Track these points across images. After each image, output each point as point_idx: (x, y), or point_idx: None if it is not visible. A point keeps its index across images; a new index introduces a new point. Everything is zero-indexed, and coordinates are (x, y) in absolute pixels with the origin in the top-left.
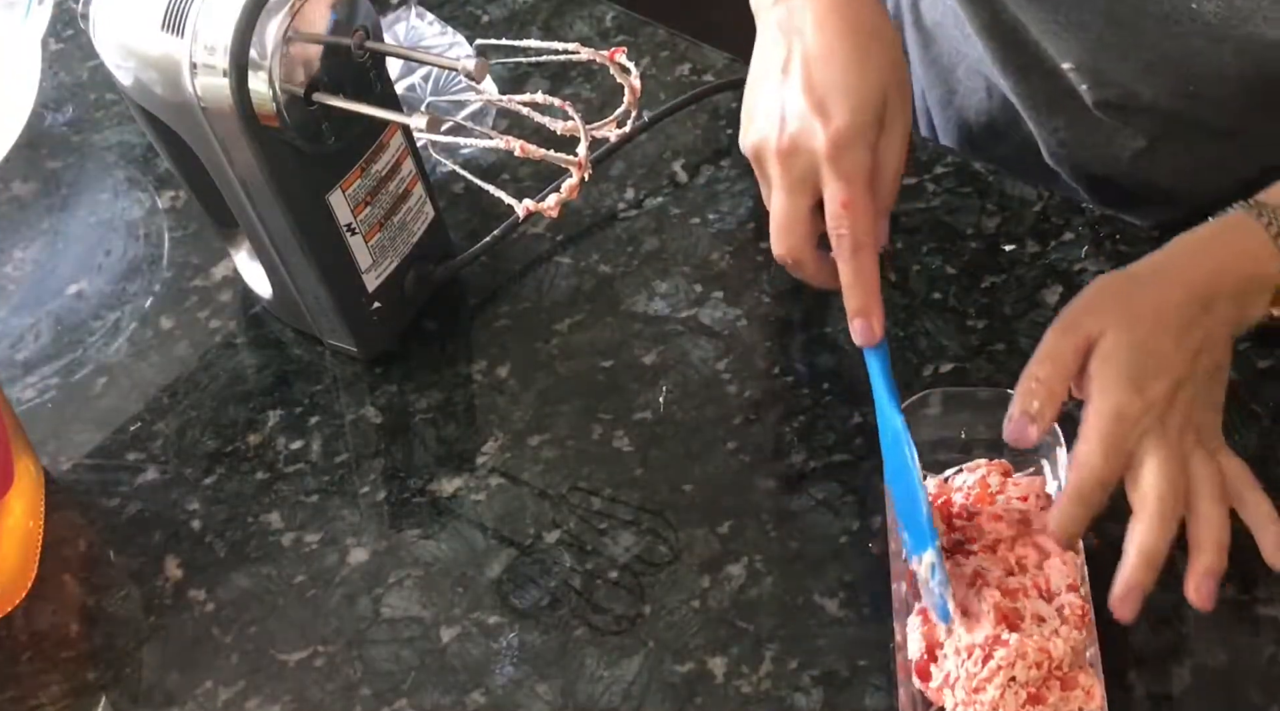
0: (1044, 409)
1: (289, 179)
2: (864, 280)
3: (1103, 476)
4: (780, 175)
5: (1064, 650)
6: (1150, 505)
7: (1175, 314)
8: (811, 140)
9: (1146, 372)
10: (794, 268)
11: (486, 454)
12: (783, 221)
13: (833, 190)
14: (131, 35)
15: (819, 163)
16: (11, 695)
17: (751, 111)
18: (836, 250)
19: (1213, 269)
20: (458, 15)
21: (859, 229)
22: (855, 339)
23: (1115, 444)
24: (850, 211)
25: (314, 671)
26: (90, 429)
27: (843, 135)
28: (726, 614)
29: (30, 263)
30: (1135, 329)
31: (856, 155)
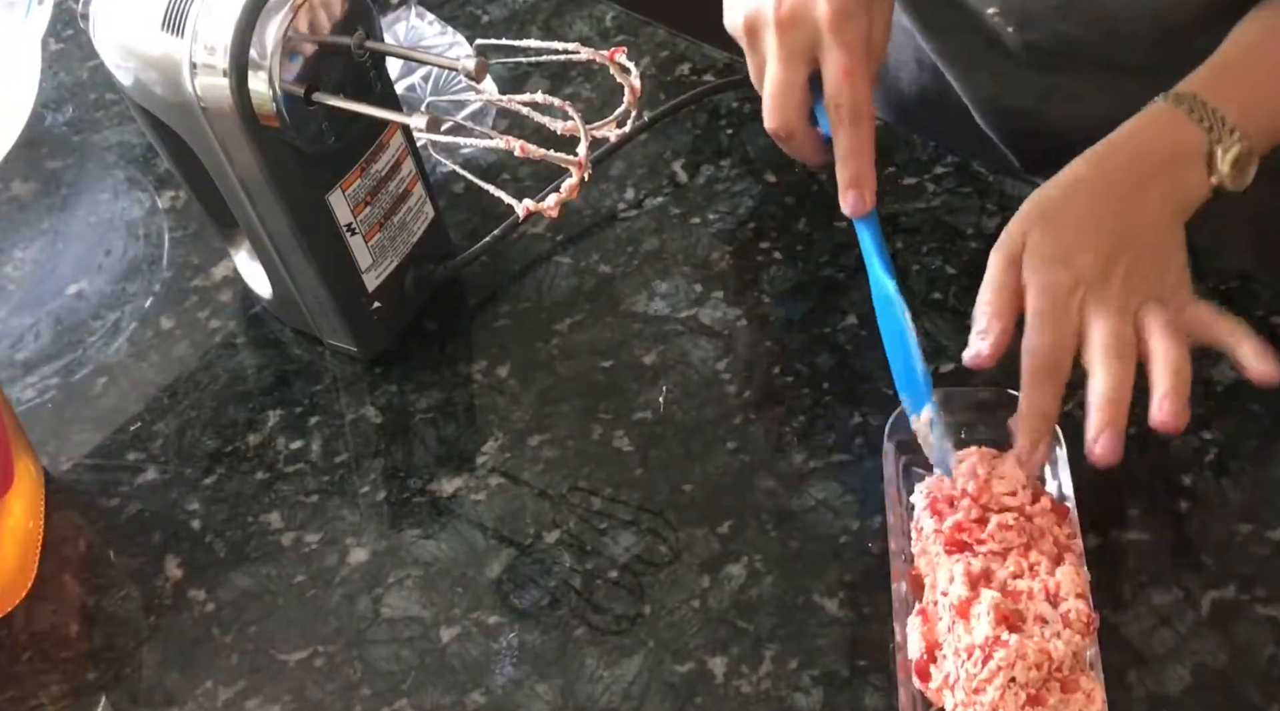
0: (991, 323)
1: (289, 179)
2: (861, 149)
3: (1049, 343)
4: (778, 45)
5: (1064, 652)
6: (1098, 353)
7: (1096, 195)
8: (812, 10)
9: (1071, 249)
10: (785, 140)
11: (486, 454)
12: (779, 92)
13: (835, 59)
14: (131, 35)
15: (819, 32)
16: (11, 695)
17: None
18: (835, 119)
19: (1132, 148)
20: (458, 15)
21: (860, 97)
22: (846, 209)
23: (1053, 315)
24: (851, 80)
25: (314, 671)
26: (90, 429)
27: (844, 4)
28: (726, 614)
29: (30, 263)
30: (1055, 219)
31: (857, 22)
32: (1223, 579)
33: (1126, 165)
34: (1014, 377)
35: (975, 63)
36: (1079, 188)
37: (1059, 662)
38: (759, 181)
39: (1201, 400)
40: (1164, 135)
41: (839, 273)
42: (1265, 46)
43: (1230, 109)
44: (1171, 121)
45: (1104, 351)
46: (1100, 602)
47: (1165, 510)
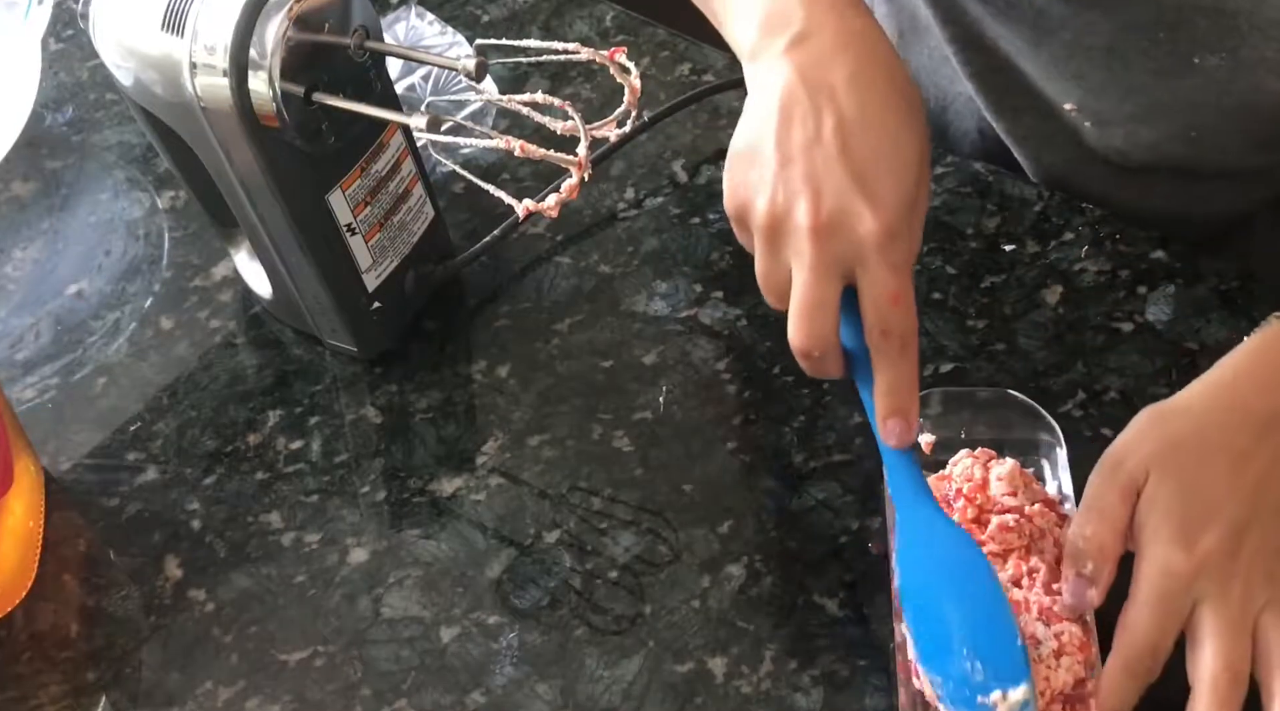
0: (1099, 568)
1: (289, 179)
2: (908, 380)
3: (1153, 642)
4: (812, 256)
5: (1064, 680)
6: (1207, 687)
7: (1226, 445)
8: (856, 222)
9: (1197, 521)
10: (815, 361)
11: (486, 454)
12: (812, 308)
13: (882, 282)
14: (131, 35)
15: (863, 249)
16: (11, 695)
17: (761, 170)
18: (881, 347)
19: (1263, 388)
20: (458, 15)
21: (909, 326)
22: (889, 440)
23: (1165, 607)
24: (901, 306)
25: (314, 671)
26: (90, 429)
27: (894, 221)
28: (726, 614)
29: (30, 263)
30: (1181, 467)
31: (905, 242)
32: None
33: (1254, 400)
34: (1014, 378)
35: (1046, 146)
36: (1212, 430)
37: (1060, 691)
38: None
39: None
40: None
41: None
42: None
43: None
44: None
45: (1214, 684)
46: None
47: None
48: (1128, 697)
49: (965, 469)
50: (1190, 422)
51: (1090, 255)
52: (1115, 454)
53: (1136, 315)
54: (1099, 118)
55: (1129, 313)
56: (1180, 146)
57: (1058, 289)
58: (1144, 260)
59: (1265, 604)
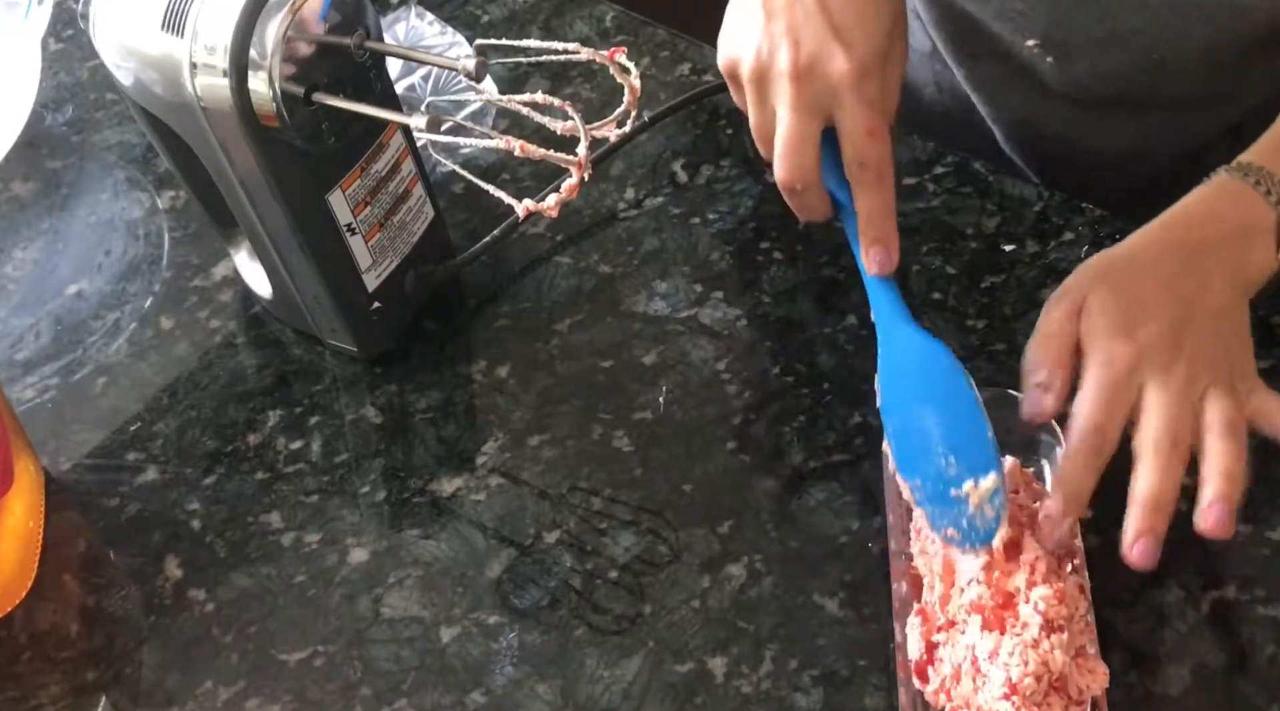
0: (1052, 375)
1: (289, 179)
2: (886, 208)
3: (1099, 422)
4: (793, 96)
5: (1063, 661)
6: (1149, 447)
7: (1161, 263)
8: (831, 64)
9: (1135, 318)
10: (796, 194)
11: (486, 454)
12: (793, 144)
13: (857, 117)
14: (131, 35)
15: (839, 89)
16: (11, 695)
17: (748, 27)
18: (859, 178)
19: (1194, 223)
20: (458, 15)
21: (884, 157)
22: (873, 268)
23: (1110, 391)
24: (875, 139)
25: (314, 671)
26: (90, 429)
27: (866, 62)
28: (726, 614)
29: (30, 263)
30: (1117, 282)
31: (877, 80)
32: (1223, 579)
33: (1193, 237)
34: (1015, 378)
35: (1006, 90)
36: (1144, 255)
37: (1058, 672)
38: (759, 181)
39: None
40: (1232, 208)
41: (839, 273)
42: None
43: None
44: (1239, 195)
45: (1156, 447)
46: (1100, 603)
47: None
48: (1084, 482)
49: None
50: (1125, 251)
51: (1090, 255)
52: (1060, 288)
53: None
54: (1063, 49)
55: None
56: (1143, 76)
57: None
58: None
59: (1207, 386)
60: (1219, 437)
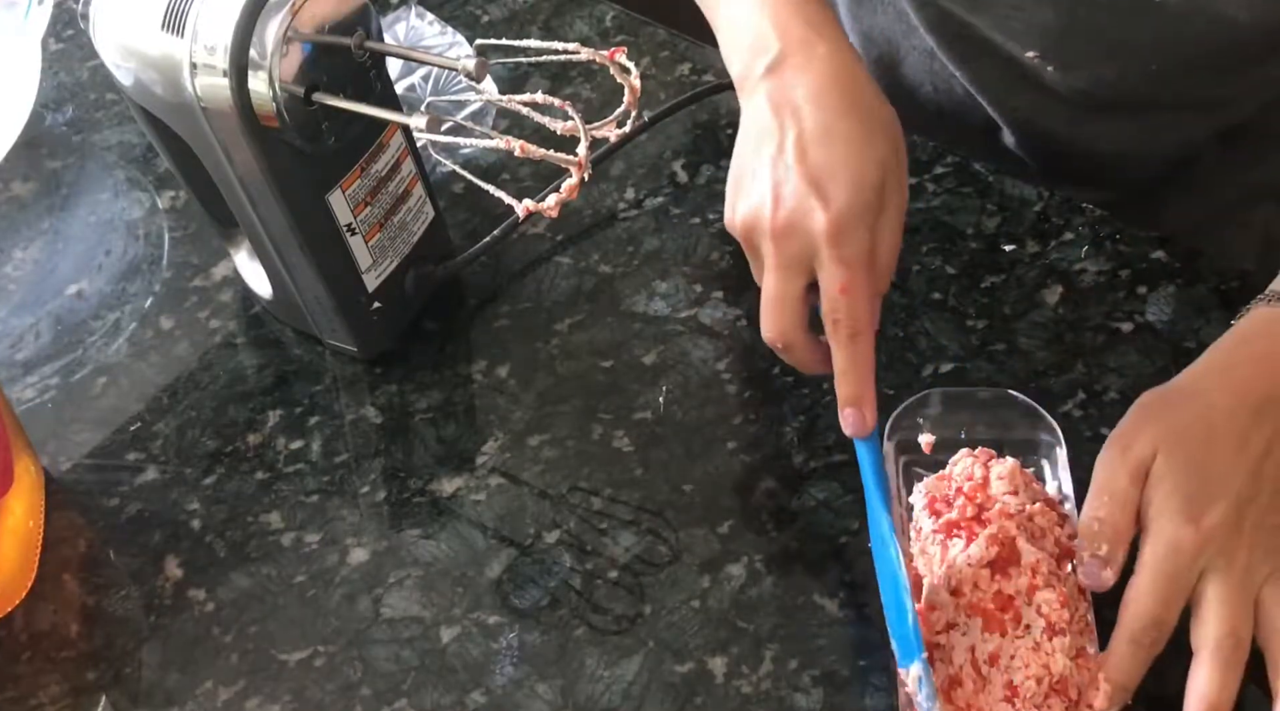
0: (1113, 549)
1: (289, 179)
2: (859, 367)
3: (1158, 616)
4: (773, 255)
5: (1064, 663)
6: (1210, 651)
7: (1226, 424)
8: (808, 221)
9: (1202, 497)
10: (783, 351)
11: (486, 454)
12: (774, 303)
13: (831, 274)
14: (131, 35)
15: (817, 245)
16: (11, 695)
17: (740, 186)
18: (832, 336)
19: (1258, 368)
20: (458, 15)
21: (857, 314)
22: (846, 429)
23: (1171, 582)
24: (849, 297)
25: (314, 671)
26: (90, 429)
27: (843, 218)
28: (726, 614)
29: (30, 263)
30: (1187, 448)
31: (856, 238)
32: None
33: (1248, 383)
34: (1014, 378)
35: (1008, 92)
36: (1215, 412)
37: (1059, 675)
38: None
39: None
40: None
41: None
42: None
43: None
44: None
45: (1218, 647)
46: (1100, 603)
47: None
48: (1135, 670)
49: (965, 468)
50: (1193, 406)
51: (1090, 255)
52: (1123, 436)
53: (1136, 315)
54: (1062, 62)
55: (1129, 313)
56: (1143, 84)
57: (1058, 289)
58: (1144, 260)
59: (1268, 576)
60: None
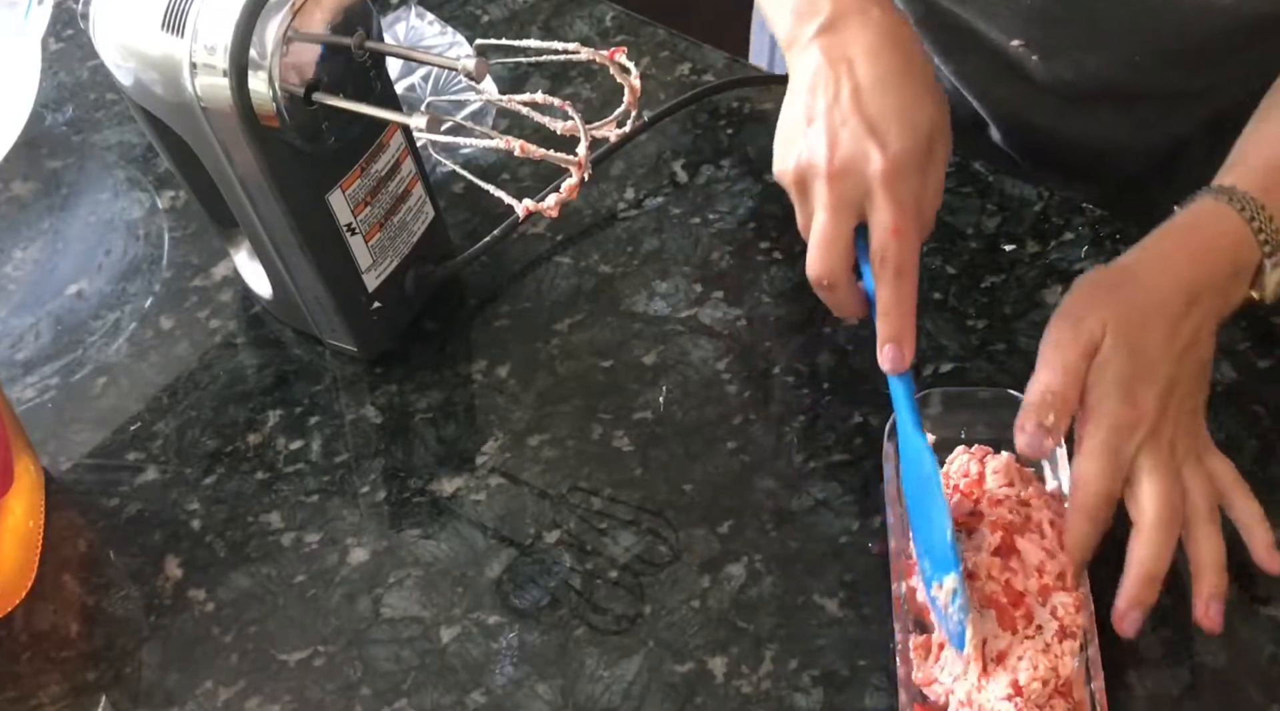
0: (1059, 421)
1: (289, 179)
2: (903, 307)
3: (1106, 490)
4: (827, 194)
5: (1072, 666)
6: (1149, 524)
7: (1165, 309)
8: (865, 163)
9: (1139, 379)
10: (827, 290)
11: (486, 454)
12: (825, 242)
13: (884, 215)
14: (131, 35)
15: (871, 186)
16: (11, 695)
17: (794, 135)
18: (879, 274)
19: (1197, 258)
20: (458, 15)
21: (905, 255)
22: (884, 365)
23: (1115, 458)
24: (899, 237)
25: (314, 671)
26: (90, 429)
27: (899, 160)
28: (726, 614)
29: (30, 263)
30: (1128, 331)
31: (910, 181)
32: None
33: (1197, 278)
34: (1014, 377)
35: (994, 84)
36: (1155, 295)
37: (1065, 677)
38: (759, 181)
39: None
40: (1225, 243)
41: None
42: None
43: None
44: (1233, 230)
45: (1156, 521)
46: (1100, 602)
47: None
48: (1089, 542)
49: (961, 465)
50: (1135, 290)
51: (1090, 255)
52: (1072, 313)
53: None
54: (1046, 50)
55: None
56: (1126, 73)
57: (1058, 289)
58: None
59: (1184, 455)
60: (1207, 522)
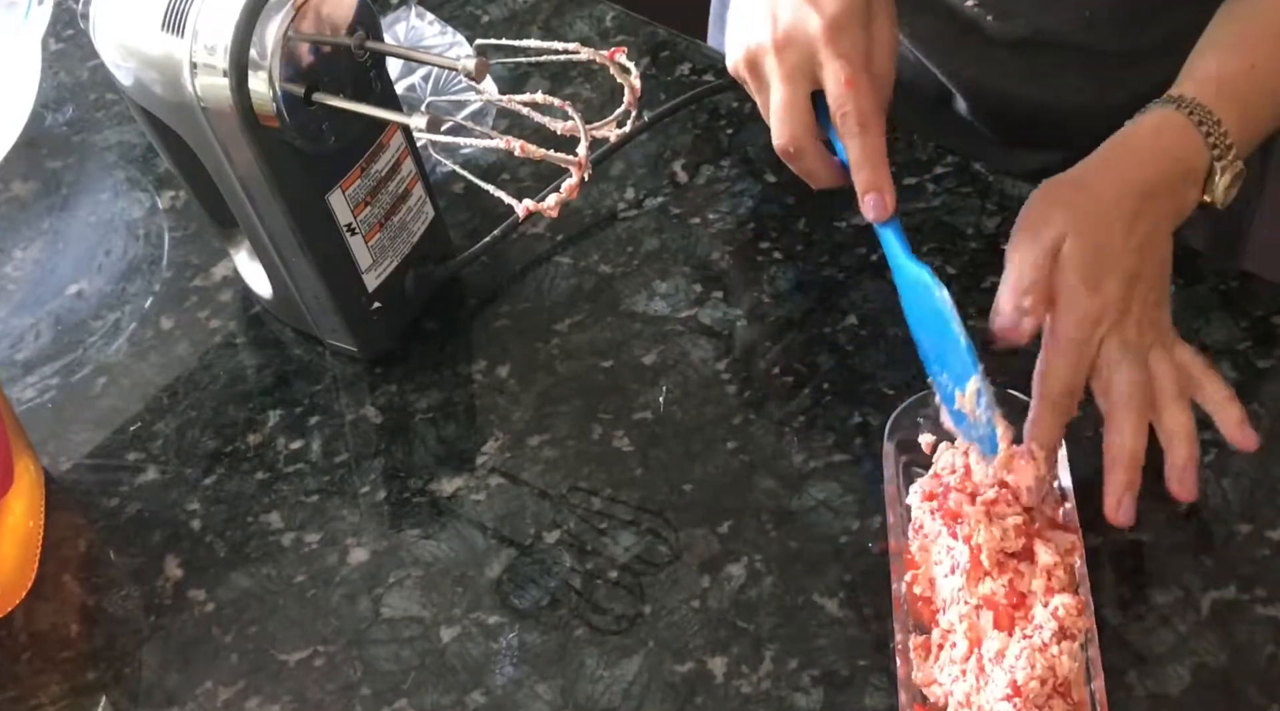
0: (1035, 305)
1: (289, 179)
2: (872, 156)
3: (1070, 381)
4: (777, 66)
5: (1069, 666)
6: (1122, 409)
7: (1120, 209)
8: (806, 26)
9: (1101, 271)
10: (795, 158)
11: (486, 454)
12: (783, 109)
13: (833, 70)
14: (131, 35)
15: (815, 48)
16: (11, 695)
17: (739, 27)
18: (842, 130)
19: (1147, 162)
20: (458, 15)
21: (863, 105)
22: (867, 214)
23: (1079, 349)
24: (853, 88)
25: (314, 671)
26: (90, 429)
27: (837, 18)
28: (726, 614)
29: (30, 263)
30: (1086, 229)
31: (852, 35)
32: (1223, 579)
33: (1147, 179)
34: (1014, 378)
35: (950, 46)
36: (1106, 196)
37: (1063, 677)
38: (759, 181)
39: None
40: (1177, 147)
41: (839, 273)
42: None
43: (1231, 124)
44: (1183, 133)
45: (1125, 405)
46: (1100, 602)
47: (1165, 510)
48: (1054, 432)
49: (947, 462)
50: (1090, 195)
51: None
52: (1033, 222)
53: None
54: (1001, 10)
55: None
56: (1081, 31)
57: None
58: None
59: (1151, 343)
60: (1175, 401)
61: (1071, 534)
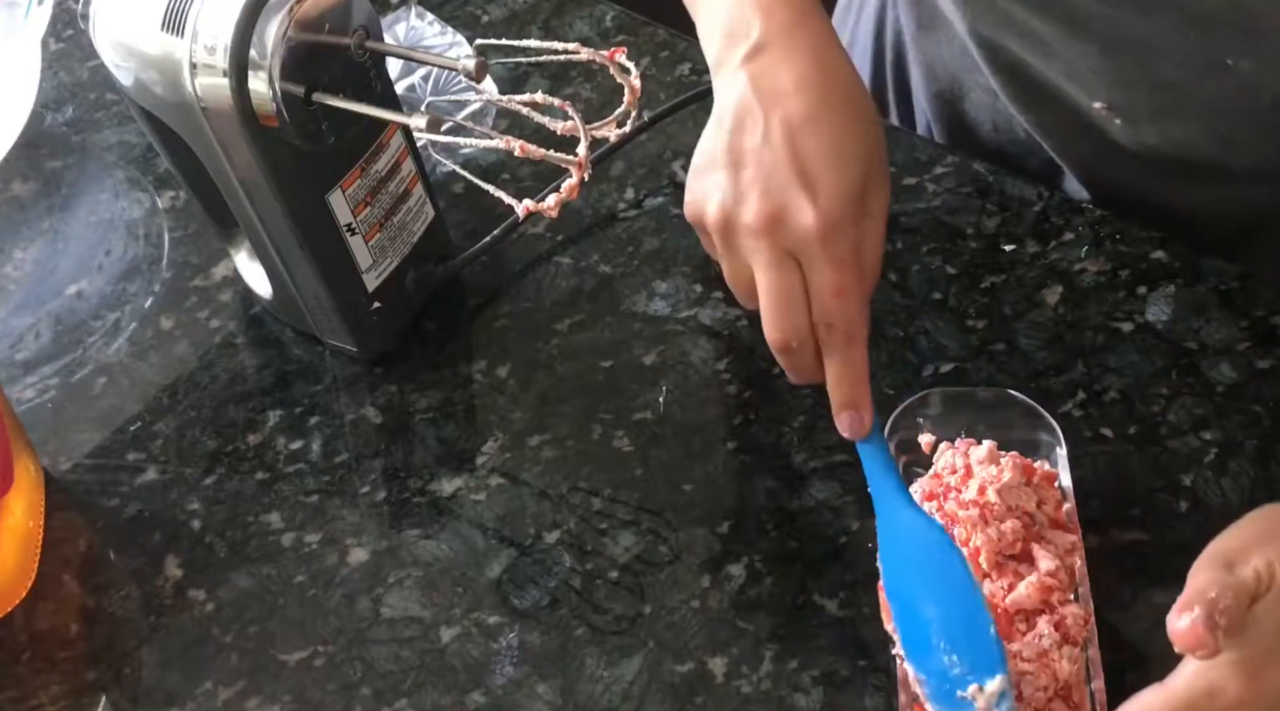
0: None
1: (289, 179)
2: (855, 372)
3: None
4: (766, 252)
5: (1070, 671)
6: None
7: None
8: (798, 218)
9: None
10: (795, 353)
11: (486, 454)
12: (781, 301)
13: (824, 276)
14: (131, 35)
15: (806, 244)
16: (11, 695)
17: (711, 169)
18: (826, 341)
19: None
20: (458, 15)
21: (852, 318)
22: (844, 432)
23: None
24: (843, 299)
25: (314, 671)
26: (90, 429)
27: (832, 213)
28: (726, 614)
29: (30, 263)
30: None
31: (847, 235)
32: None
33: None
34: (1014, 378)
35: (1074, 141)
36: None
37: (1063, 681)
38: None
39: (1201, 400)
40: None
41: None
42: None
43: None
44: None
45: None
46: (1100, 602)
47: (1165, 510)
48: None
49: (947, 462)
50: None
51: (1090, 255)
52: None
53: (1136, 315)
54: (1129, 115)
55: (1129, 313)
56: (1213, 145)
57: (1058, 289)
58: (1144, 260)
59: None
60: None
61: (1071, 534)
